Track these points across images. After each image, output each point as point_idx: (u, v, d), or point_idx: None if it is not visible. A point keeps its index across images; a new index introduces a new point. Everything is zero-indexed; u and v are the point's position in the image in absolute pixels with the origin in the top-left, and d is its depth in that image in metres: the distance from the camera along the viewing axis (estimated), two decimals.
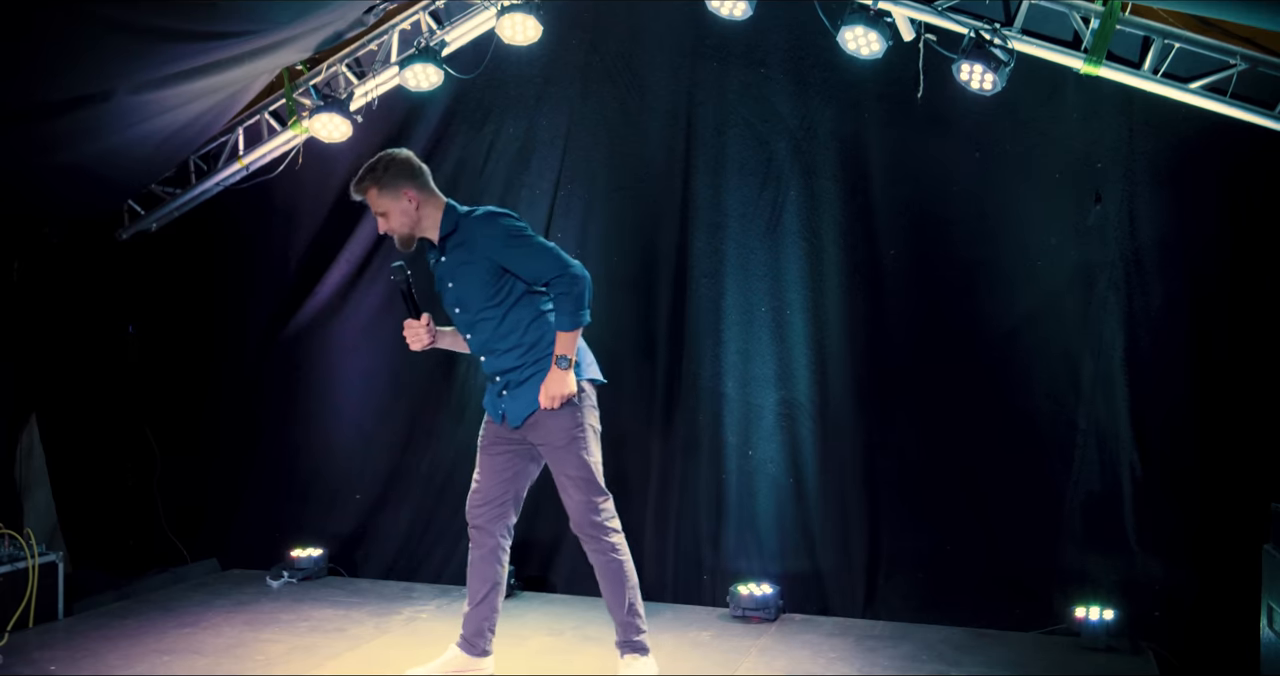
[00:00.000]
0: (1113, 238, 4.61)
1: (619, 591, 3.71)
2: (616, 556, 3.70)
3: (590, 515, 3.65)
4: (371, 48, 5.33)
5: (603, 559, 3.70)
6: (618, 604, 3.72)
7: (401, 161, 3.68)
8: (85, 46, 3.86)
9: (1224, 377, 4.45)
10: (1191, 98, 4.25)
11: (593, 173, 5.35)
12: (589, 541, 3.70)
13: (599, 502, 3.67)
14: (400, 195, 3.64)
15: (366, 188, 3.66)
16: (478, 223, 3.63)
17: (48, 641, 4.35)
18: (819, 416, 4.95)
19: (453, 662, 3.83)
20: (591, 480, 3.65)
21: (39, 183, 4.89)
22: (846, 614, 4.84)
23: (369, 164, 3.69)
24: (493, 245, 3.57)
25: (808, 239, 5.00)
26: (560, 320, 3.57)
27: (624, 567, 3.71)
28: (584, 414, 3.65)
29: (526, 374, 3.64)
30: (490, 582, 3.81)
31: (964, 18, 4.37)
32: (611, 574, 3.71)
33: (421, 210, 3.67)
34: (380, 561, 5.53)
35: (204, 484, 5.87)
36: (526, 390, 3.63)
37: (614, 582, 3.71)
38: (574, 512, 3.68)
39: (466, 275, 3.63)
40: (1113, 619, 4.36)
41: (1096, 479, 4.61)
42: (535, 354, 3.64)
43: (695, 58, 5.16)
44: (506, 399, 3.68)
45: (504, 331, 3.64)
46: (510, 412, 3.67)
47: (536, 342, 3.64)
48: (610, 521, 3.69)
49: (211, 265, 5.93)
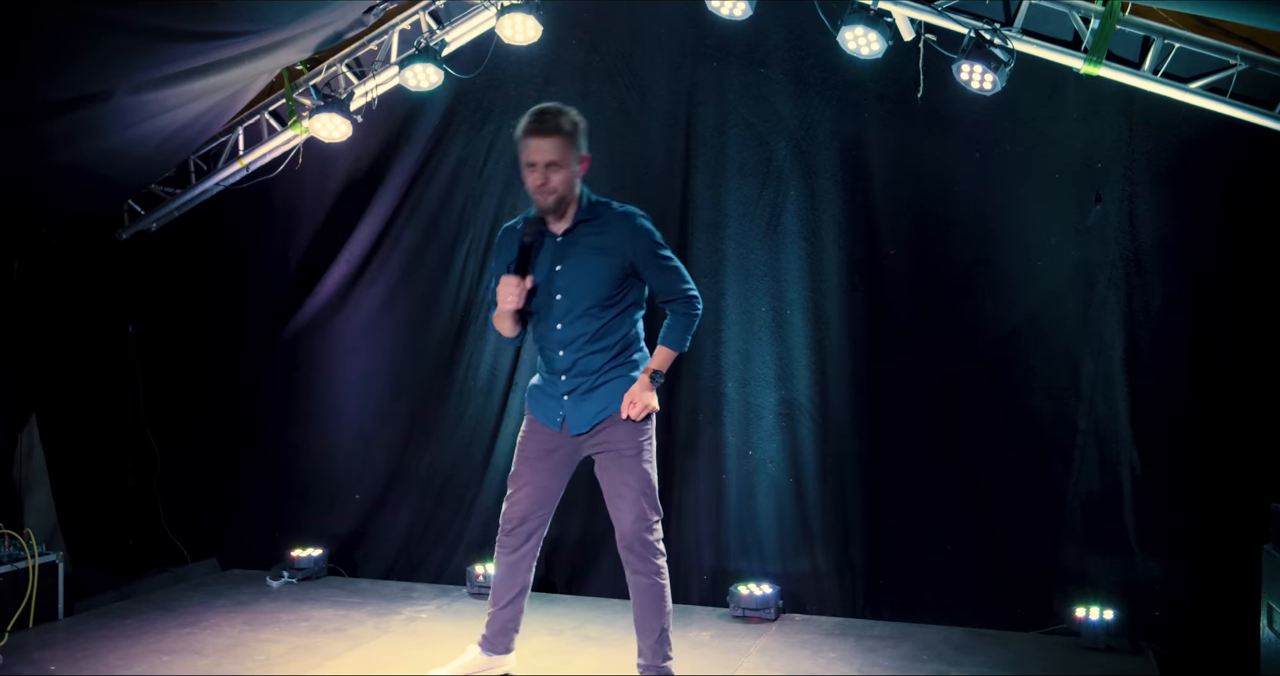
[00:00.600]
0: (1113, 238, 4.61)
1: (656, 617, 3.57)
2: (660, 580, 3.55)
3: (644, 532, 3.51)
4: (371, 48, 5.33)
5: (645, 581, 3.54)
6: (651, 629, 3.57)
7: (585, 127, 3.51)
8: (85, 46, 3.85)
9: (1224, 378, 4.45)
10: (1191, 98, 4.25)
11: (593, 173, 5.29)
12: (636, 561, 3.53)
13: (654, 521, 3.54)
14: (579, 158, 3.48)
15: (562, 131, 3.42)
16: (625, 219, 3.52)
17: (48, 641, 4.35)
18: (819, 416, 4.95)
19: (473, 663, 3.81)
20: (652, 495, 3.54)
21: (39, 183, 4.89)
22: (846, 614, 4.84)
23: (559, 108, 3.46)
24: (638, 246, 3.49)
25: (808, 239, 5.00)
26: (671, 337, 3.53)
27: (665, 592, 3.57)
28: (653, 427, 3.60)
29: (605, 378, 3.54)
30: (520, 587, 3.76)
31: (964, 18, 4.37)
32: (652, 598, 3.56)
33: (577, 182, 3.51)
34: (380, 561, 5.53)
35: (204, 484, 5.86)
36: (601, 395, 3.53)
37: (653, 607, 3.56)
38: (627, 527, 3.50)
39: (591, 265, 3.49)
40: (1113, 619, 4.37)
41: (1096, 479, 4.61)
42: (619, 361, 3.55)
43: (695, 58, 5.16)
44: (570, 403, 3.55)
45: (604, 332, 3.52)
46: (574, 417, 3.55)
47: (624, 351, 3.56)
48: (660, 543, 3.55)
49: (211, 265, 5.93)
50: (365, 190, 5.61)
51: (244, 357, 5.85)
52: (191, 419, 5.94)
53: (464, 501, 5.42)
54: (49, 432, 5.42)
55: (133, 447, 5.89)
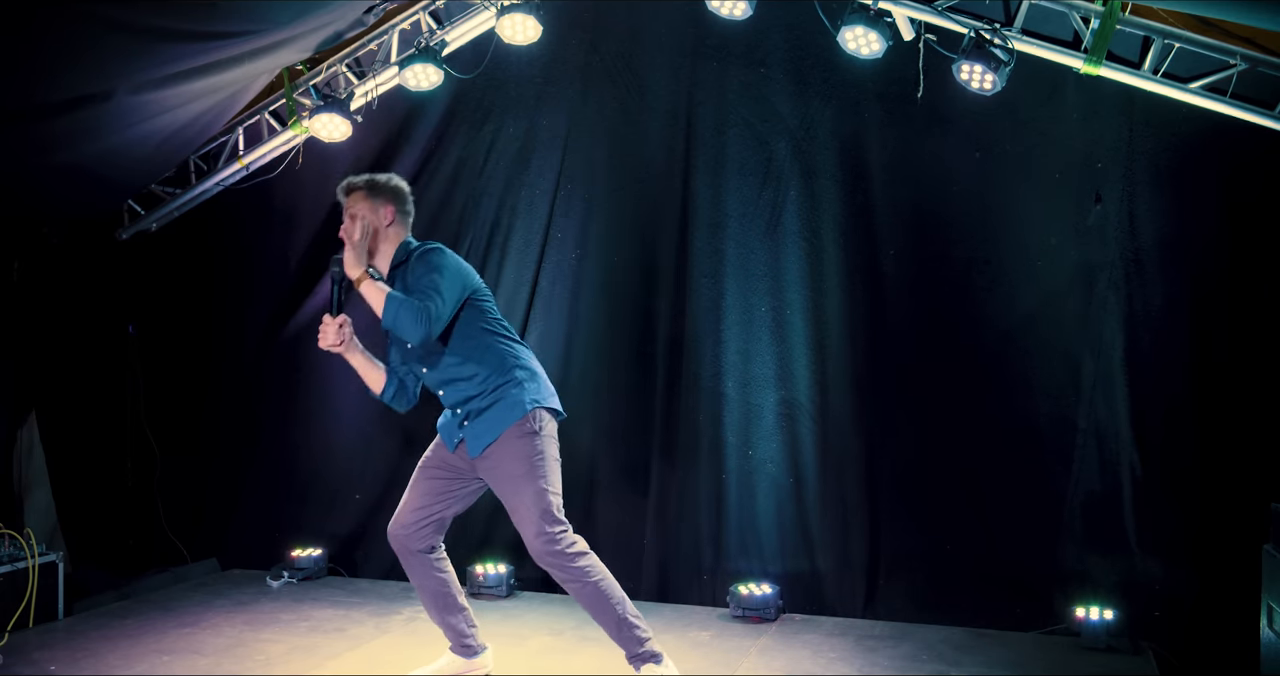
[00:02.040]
0: (1113, 238, 4.61)
1: (605, 613, 3.58)
2: (589, 580, 3.54)
3: (549, 545, 3.50)
4: (371, 48, 5.33)
5: (576, 586, 3.55)
6: (609, 624, 3.59)
7: (398, 187, 3.74)
8: (85, 46, 3.85)
9: (1224, 378, 4.45)
10: (1191, 98, 4.25)
11: (593, 173, 5.35)
12: (556, 572, 3.55)
13: (556, 533, 3.51)
14: (379, 210, 3.65)
15: (359, 187, 3.70)
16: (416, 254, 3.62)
17: (48, 641, 4.35)
18: (819, 416, 4.95)
19: (451, 666, 3.84)
20: (548, 511, 3.51)
21: (39, 183, 4.89)
22: (846, 614, 4.84)
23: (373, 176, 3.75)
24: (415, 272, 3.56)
25: (808, 239, 5.00)
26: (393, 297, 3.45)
27: (600, 588, 3.55)
28: (543, 443, 3.57)
29: (488, 401, 3.58)
30: (436, 593, 3.77)
31: (964, 18, 4.37)
32: (589, 598, 3.57)
33: (387, 231, 3.67)
34: (380, 561, 5.52)
35: (204, 484, 5.87)
36: (487, 418, 3.56)
37: (597, 606, 3.57)
38: (532, 544, 3.52)
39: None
40: (1113, 619, 4.37)
41: (1096, 479, 4.61)
42: (495, 380, 3.58)
43: (695, 58, 5.16)
44: (468, 428, 3.60)
45: (465, 363, 3.59)
46: (471, 442, 3.59)
47: (495, 369, 3.58)
48: (572, 548, 3.54)
49: (211, 265, 5.93)
50: None
51: (244, 357, 5.85)
52: (191, 419, 5.94)
53: None
54: (49, 432, 5.42)
55: (133, 447, 5.90)
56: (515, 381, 3.60)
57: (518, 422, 3.55)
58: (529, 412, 3.56)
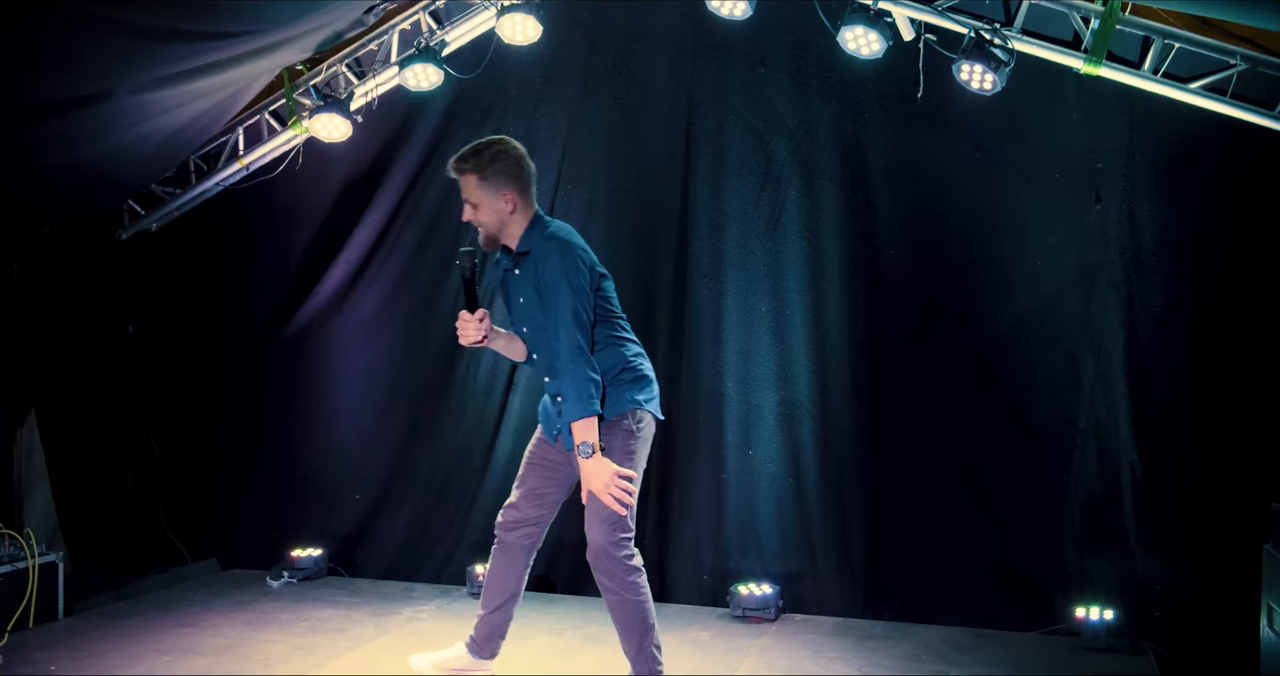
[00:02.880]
0: (1113, 237, 4.61)
1: (633, 634, 3.48)
2: (634, 597, 3.45)
3: (613, 550, 3.42)
4: (371, 48, 5.33)
5: (617, 599, 3.46)
6: (631, 644, 3.50)
7: (514, 160, 3.49)
8: (85, 46, 3.85)
9: (1224, 378, 4.45)
10: (1191, 98, 4.25)
11: (593, 173, 5.35)
12: (604, 578, 3.45)
13: (622, 539, 3.43)
14: (499, 195, 3.47)
15: (468, 172, 3.48)
16: (545, 240, 3.45)
17: (48, 641, 4.35)
18: (819, 416, 4.95)
19: (457, 661, 3.82)
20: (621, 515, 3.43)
21: (39, 183, 4.89)
22: (846, 614, 4.84)
23: (480, 145, 3.51)
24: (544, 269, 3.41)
25: (808, 239, 5.00)
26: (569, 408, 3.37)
27: (640, 608, 3.46)
28: (637, 444, 3.49)
29: None
30: (510, 593, 3.74)
31: (964, 18, 4.38)
32: (625, 614, 3.47)
33: (513, 216, 3.49)
34: (380, 561, 5.53)
35: (204, 484, 5.86)
36: None
37: (628, 623, 3.48)
38: (595, 543, 3.43)
39: (532, 293, 3.48)
40: (1113, 619, 4.37)
41: (1096, 479, 4.61)
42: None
43: (695, 58, 5.16)
44: (565, 422, 3.47)
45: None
46: (567, 435, 3.47)
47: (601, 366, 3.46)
48: (630, 559, 3.45)
49: (211, 265, 5.93)
50: (365, 190, 5.61)
51: (244, 358, 5.85)
52: (191, 419, 5.94)
53: (464, 501, 5.42)
54: (49, 432, 5.42)
55: (132, 448, 5.89)
56: (619, 381, 3.51)
57: (614, 419, 3.47)
58: (627, 411, 3.49)
